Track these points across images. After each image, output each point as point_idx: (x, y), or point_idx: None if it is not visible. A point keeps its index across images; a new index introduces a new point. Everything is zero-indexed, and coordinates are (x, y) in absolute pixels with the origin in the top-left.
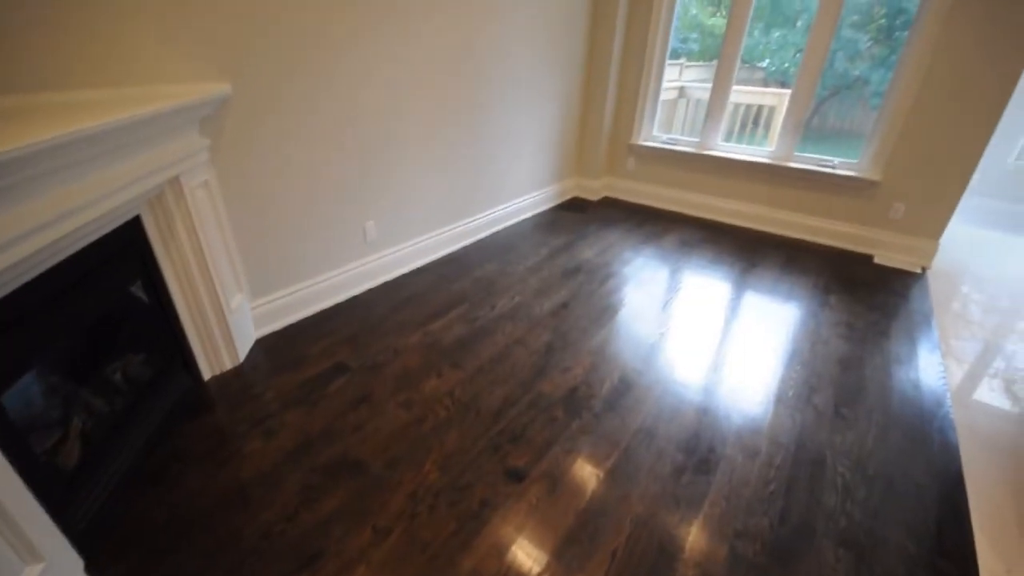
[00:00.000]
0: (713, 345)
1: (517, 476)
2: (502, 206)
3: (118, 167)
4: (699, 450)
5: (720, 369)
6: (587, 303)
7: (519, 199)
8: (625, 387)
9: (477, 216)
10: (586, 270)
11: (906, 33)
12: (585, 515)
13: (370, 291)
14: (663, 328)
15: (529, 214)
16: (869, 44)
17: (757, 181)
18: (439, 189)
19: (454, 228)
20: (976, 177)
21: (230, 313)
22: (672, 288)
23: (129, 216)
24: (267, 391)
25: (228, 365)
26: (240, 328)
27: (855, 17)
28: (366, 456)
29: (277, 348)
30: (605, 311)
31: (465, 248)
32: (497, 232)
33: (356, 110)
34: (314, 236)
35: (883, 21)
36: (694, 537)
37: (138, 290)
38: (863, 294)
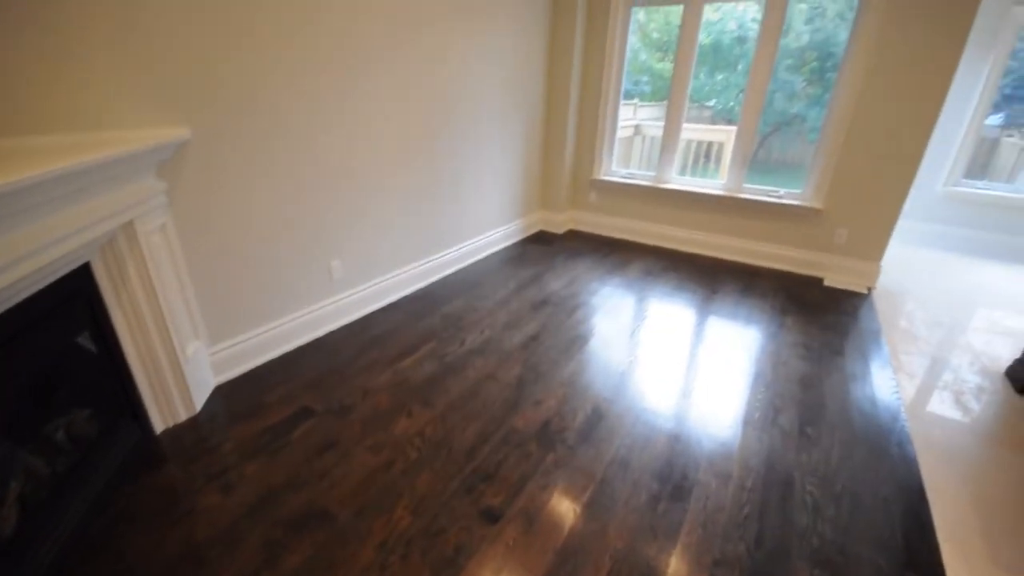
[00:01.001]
0: (681, 371)
1: (492, 516)
2: (469, 241)
3: (65, 213)
4: (673, 477)
5: (689, 395)
6: (556, 334)
7: (486, 234)
8: (598, 417)
9: (445, 252)
10: (554, 302)
11: (835, 74)
12: (564, 552)
13: (336, 331)
14: (632, 356)
15: (496, 248)
16: (804, 85)
17: (712, 211)
18: (405, 226)
19: (422, 264)
20: (910, 203)
21: (185, 361)
22: (639, 316)
23: (77, 263)
24: (225, 441)
25: (183, 416)
26: (196, 376)
27: (789, 61)
28: (333, 505)
29: (238, 395)
30: (575, 342)
31: (433, 284)
32: (465, 267)
33: (318, 150)
34: (277, 277)
35: (815, 64)
36: (673, 569)
37: (86, 340)
38: (816, 315)
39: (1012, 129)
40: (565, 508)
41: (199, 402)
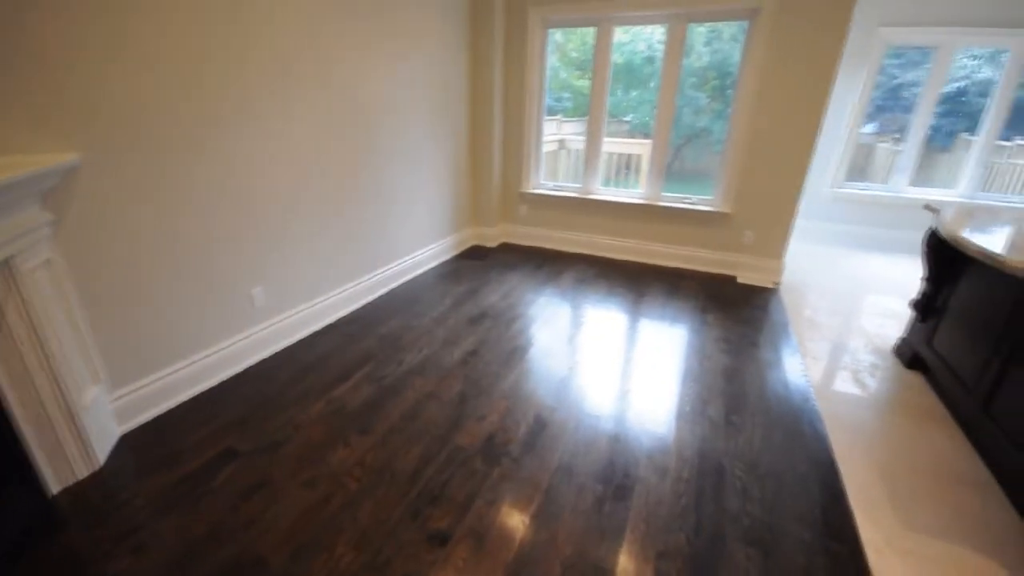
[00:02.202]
0: (617, 373)
1: (440, 539)
2: (402, 260)
3: None
4: (615, 477)
5: (626, 395)
6: (496, 347)
7: (419, 251)
8: (541, 426)
9: (377, 272)
10: (492, 315)
11: (733, 91)
12: (515, 567)
13: (263, 363)
14: (571, 362)
15: (431, 265)
16: (708, 101)
17: (635, 219)
18: (333, 248)
19: (354, 286)
20: (803, 204)
21: (83, 411)
22: (575, 323)
23: None
24: (136, 496)
25: (84, 472)
26: (97, 426)
27: (693, 79)
28: (266, 551)
29: (149, 442)
30: (514, 353)
31: (367, 305)
32: (399, 286)
33: (232, 175)
34: (190, 309)
35: (716, 82)
36: (622, 567)
37: None
38: (733, 311)
39: (884, 136)
40: (514, 522)
41: (102, 455)
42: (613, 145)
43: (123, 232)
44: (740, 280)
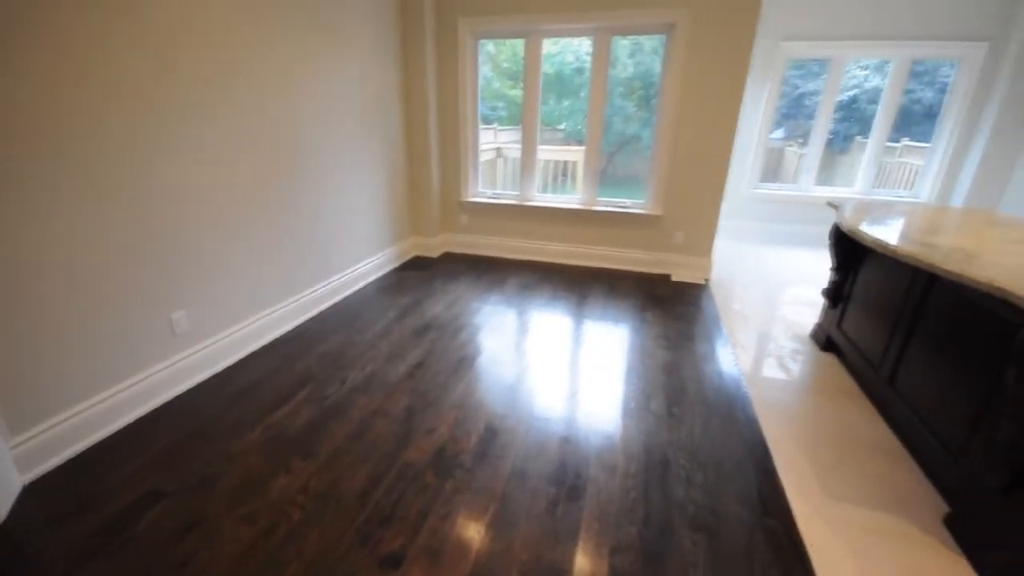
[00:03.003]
0: (565, 375)
1: (394, 562)
2: (341, 274)
3: None
4: (567, 478)
5: (574, 396)
6: (443, 358)
7: (359, 264)
8: (491, 435)
9: (316, 287)
10: (437, 325)
11: (656, 100)
12: None
13: (190, 392)
14: (519, 368)
15: (371, 278)
16: (635, 109)
17: (573, 224)
18: (266, 265)
19: (291, 303)
20: (726, 205)
21: None
22: (521, 329)
23: None
24: (46, 550)
25: None
26: None
27: (620, 89)
28: None
29: (59, 490)
30: (462, 363)
31: (306, 323)
32: (340, 301)
33: (146, 190)
34: (99, 340)
35: (641, 91)
36: (578, 567)
37: None
38: (670, 308)
39: (791, 141)
40: (469, 534)
41: (3, 509)
42: (549, 152)
43: (12, 256)
44: (674, 278)
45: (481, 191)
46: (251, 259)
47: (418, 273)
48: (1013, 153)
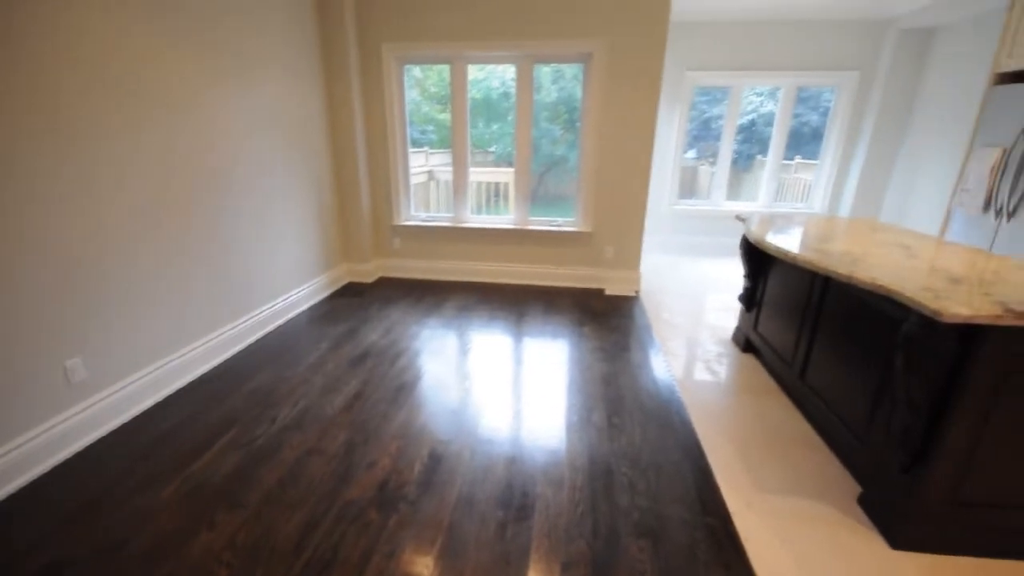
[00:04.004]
0: (508, 394)
1: None
2: (267, 305)
3: None
4: (515, 499)
5: (518, 415)
6: (382, 387)
7: (287, 295)
8: (436, 462)
9: (238, 322)
10: (374, 353)
11: (580, 124)
12: None
13: (93, 447)
14: (461, 391)
15: (302, 308)
16: (561, 132)
17: (508, 243)
18: (180, 301)
19: (210, 340)
20: (650, 220)
21: None
22: (462, 351)
23: None
24: None
25: None
26: None
27: (546, 113)
28: None
29: None
30: (402, 390)
31: (229, 360)
32: (267, 334)
33: (31, 226)
34: None
35: (565, 115)
36: None
37: None
38: (605, 320)
39: (702, 160)
40: (417, 569)
41: None
42: (481, 174)
43: None
44: (608, 292)
45: (414, 214)
46: (161, 295)
47: (352, 300)
48: (887, 167)
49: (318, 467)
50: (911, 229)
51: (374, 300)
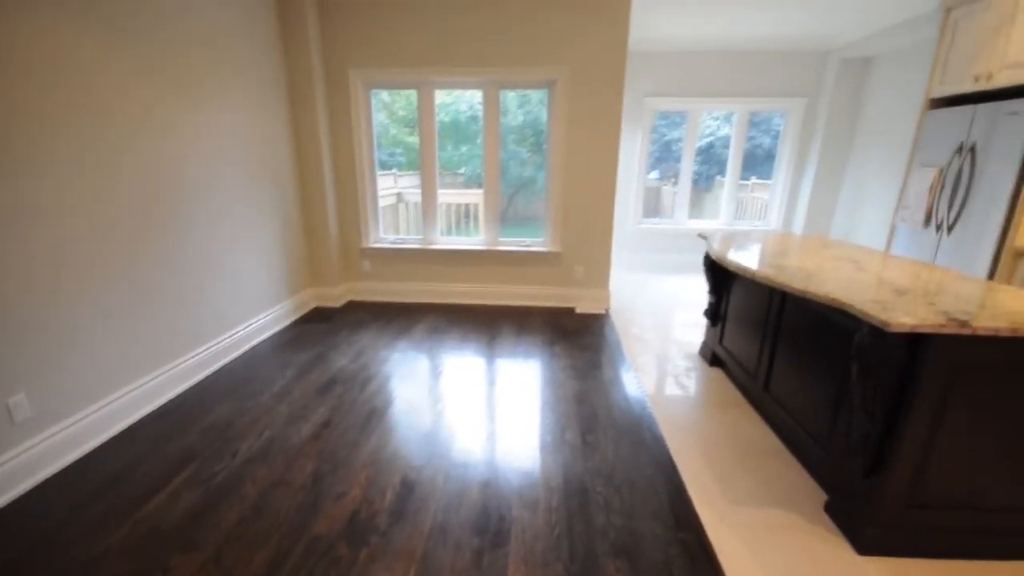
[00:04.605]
0: (481, 416)
1: None
2: (229, 333)
3: None
4: (491, 524)
5: (492, 437)
6: (351, 413)
7: (250, 322)
8: (408, 490)
9: (197, 351)
10: (343, 379)
11: (546, 146)
12: None
13: (37, 489)
14: (434, 414)
15: (266, 335)
16: (529, 154)
17: (478, 264)
18: (132, 332)
19: (166, 372)
20: (617, 239)
21: None
22: (433, 374)
23: None
24: None
25: None
26: None
27: (513, 136)
28: None
29: None
30: (372, 416)
31: (188, 392)
32: (229, 363)
33: None
34: None
35: (532, 138)
36: None
37: None
38: (576, 339)
39: (665, 181)
40: None
41: None
42: (450, 196)
43: None
44: (578, 311)
45: (383, 237)
46: (113, 324)
47: (320, 325)
48: (835, 185)
49: (283, 501)
50: (859, 244)
51: (343, 325)
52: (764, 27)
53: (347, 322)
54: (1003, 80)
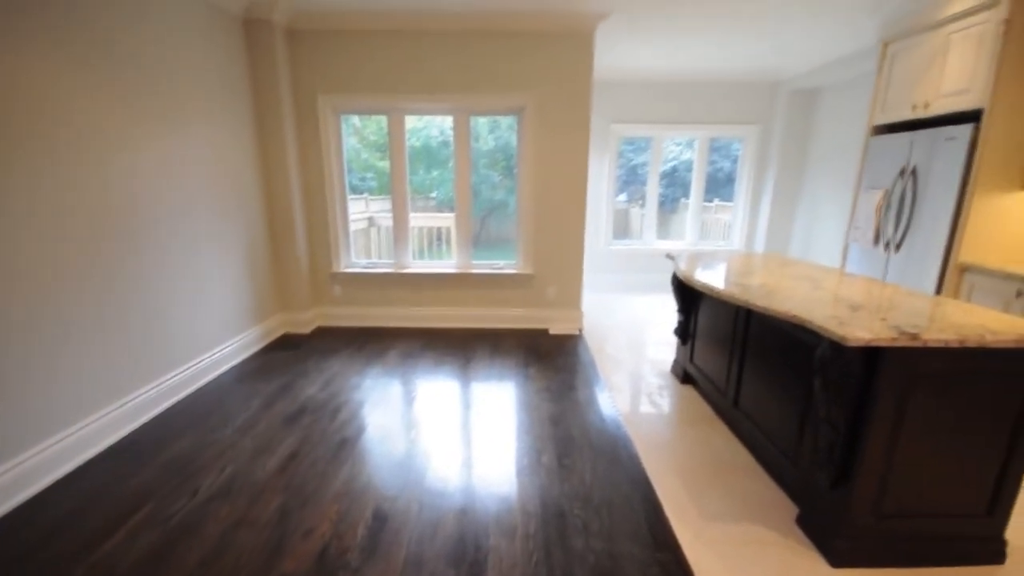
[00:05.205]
0: (456, 442)
1: None
2: (191, 363)
3: None
4: (467, 554)
5: (467, 463)
6: (320, 444)
7: (213, 351)
8: (381, 522)
9: (157, 383)
10: (312, 409)
11: (517, 170)
12: None
13: None
14: (407, 442)
15: (231, 364)
16: (500, 178)
17: (451, 288)
18: (84, 364)
19: (122, 406)
20: (588, 261)
21: None
22: (407, 400)
23: None
24: None
25: None
26: None
27: (484, 160)
28: None
29: None
30: (343, 446)
31: (146, 426)
32: (190, 395)
33: None
34: None
35: (504, 162)
36: None
37: None
38: (550, 360)
39: (633, 203)
40: None
41: None
42: (423, 219)
43: None
44: (552, 332)
45: (354, 261)
46: (63, 357)
47: (288, 353)
48: (791, 207)
49: (247, 540)
50: (816, 263)
51: (312, 351)
52: (720, 60)
53: (317, 349)
54: (939, 108)
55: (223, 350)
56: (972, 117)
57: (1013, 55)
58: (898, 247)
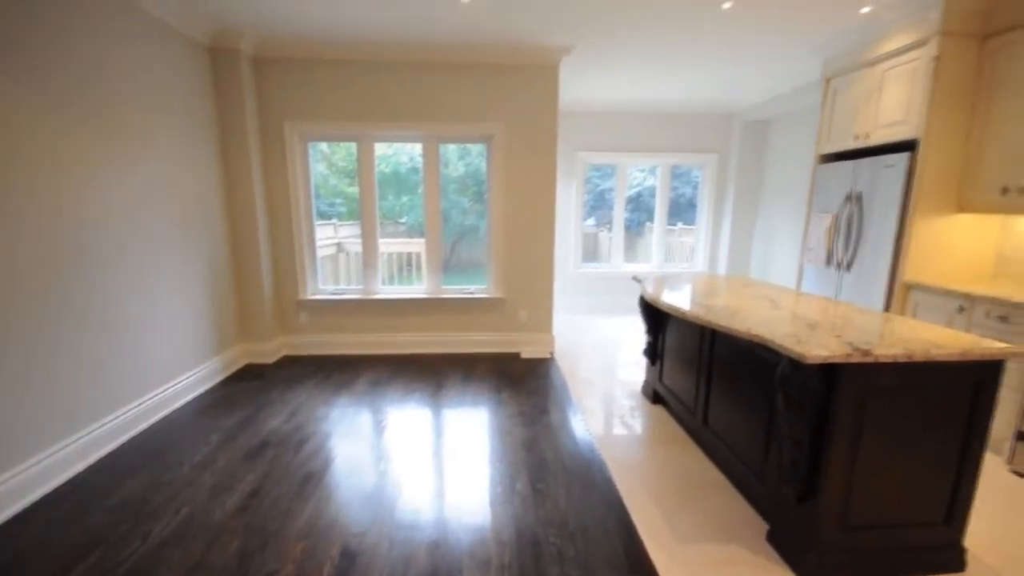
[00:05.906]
0: (428, 471)
1: None
2: (145, 398)
3: None
4: None
5: (439, 494)
6: (283, 480)
7: (170, 384)
8: (349, 561)
9: (107, 419)
10: (275, 442)
11: (487, 196)
12: None
13: None
14: (376, 474)
15: (189, 397)
16: (470, 203)
17: (421, 313)
18: (29, 401)
19: (70, 444)
20: (559, 284)
21: None
22: (376, 429)
23: None
24: None
25: None
26: None
27: (454, 185)
28: None
29: None
30: (308, 481)
31: (95, 466)
32: (146, 429)
33: None
34: None
35: (474, 188)
36: None
37: None
38: (523, 384)
39: (601, 227)
40: None
41: None
42: (392, 245)
43: None
44: (524, 355)
45: (322, 288)
46: (3, 394)
47: (250, 384)
48: (749, 230)
49: None
50: (775, 283)
51: (276, 382)
52: (678, 92)
53: (282, 378)
54: (878, 138)
55: (183, 382)
56: (908, 146)
57: (944, 89)
58: (848, 267)
